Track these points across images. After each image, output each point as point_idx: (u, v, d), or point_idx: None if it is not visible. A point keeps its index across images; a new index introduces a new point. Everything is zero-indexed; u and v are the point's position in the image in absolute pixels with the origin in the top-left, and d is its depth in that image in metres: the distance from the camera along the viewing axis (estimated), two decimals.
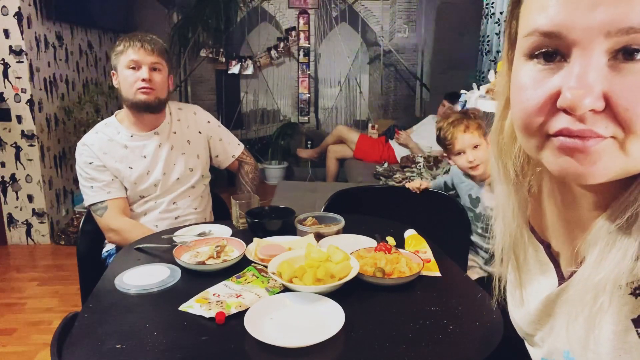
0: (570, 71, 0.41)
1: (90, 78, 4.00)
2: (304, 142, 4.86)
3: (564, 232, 0.56)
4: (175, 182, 1.70)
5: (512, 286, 0.64)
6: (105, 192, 1.61)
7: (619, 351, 0.47)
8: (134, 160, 1.65)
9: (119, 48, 1.60)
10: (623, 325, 0.46)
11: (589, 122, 0.40)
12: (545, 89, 0.43)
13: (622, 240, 0.44)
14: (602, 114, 0.40)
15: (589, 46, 0.40)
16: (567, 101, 0.40)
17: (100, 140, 1.64)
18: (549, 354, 0.59)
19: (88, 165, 1.61)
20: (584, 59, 0.40)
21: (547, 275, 0.58)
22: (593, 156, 0.41)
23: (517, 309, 0.64)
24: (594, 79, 0.39)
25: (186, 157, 1.72)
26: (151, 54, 1.58)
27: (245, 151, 1.91)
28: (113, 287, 1.08)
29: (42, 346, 2.12)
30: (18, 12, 2.97)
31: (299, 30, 4.66)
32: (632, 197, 0.44)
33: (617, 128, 0.40)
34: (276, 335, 0.87)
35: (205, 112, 1.84)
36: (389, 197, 1.96)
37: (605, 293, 0.44)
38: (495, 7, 3.88)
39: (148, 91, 1.58)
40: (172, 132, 1.71)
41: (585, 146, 0.41)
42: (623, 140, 0.41)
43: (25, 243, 3.27)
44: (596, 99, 0.39)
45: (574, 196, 0.52)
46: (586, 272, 0.46)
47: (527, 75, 0.44)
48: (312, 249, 1.09)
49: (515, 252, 0.59)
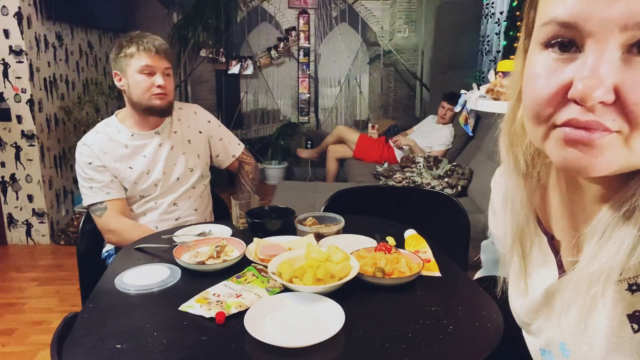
0: (584, 62, 0.41)
1: (90, 78, 4.00)
2: (304, 142, 4.86)
3: (567, 223, 0.56)
4: (175, 182, 1.70)
5: (515, 276, 0.65)
6: (104, 193, 1.61)
7: (612, 345, 0.48)
8: (134, 160, 1.65)
9: (129, 50, 1.57)
10: (618, 320, 0.47)
11: (598, 114, 0.41)
12: (558, 79, 0.43)
13: (619, 233, 0.44)
14: (611, 107, 0.40)
15: (604, 39, 0.40)
16: (578, 92, 0.40)
17: (101, 140, 1.63)
18: (546, 345, 0.60)
19: (88, 166, 1.61)
20: (598, 51, 0.40)
21: (547, 267, 0.58)
22: (597, 149, 0.42)
23: (517, 298, 0.65)
24: (606, 71, 0.40)
25: (186, 157, 1.72)
26: (163, 58, 1.60)
27: (246, 151, 1.92)
28: (113, 287, 1.07)
29: (42, 346, 2.12)
30: (18, 12, 2.97)
31: (299, 30, 4.66)
32: (631, 191, 0.44)
33: (624, 122, 0.41)
34: (276, 335, 0.87)
35: (205, 112, 1.84)
36: (389, 197, 1.96)
37: (599, 284, 0.45)
38: (495, 7, 3.88)
39: (163, 97, 1.60)
40: (172, 132, 1.71)
41: (591, 138, 0.41)
42: (628, 136, 0.41)
43: (25, 243, 3.27)
44: (607, 91, 0.40)
45: (578, 187, 0.53)
46: (583, 263, 0.47)
47: (541, 64, 0.45)
48: (312, 249, 1.09)
49: (522, 242, 0.59)
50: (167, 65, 1.61)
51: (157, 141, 1.68)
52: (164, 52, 1.60)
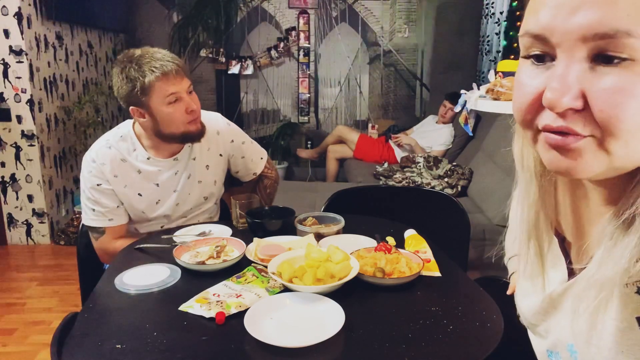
0: (554, 72, 0.43)
1: (90, 78, 4.00)
2: (304, 142, 4.86)
3: (575, 226, 0.57)
4: (187, 211, 1.58)
5: (523, 276, 0.65)
6: (107, 219, 1.47)
7: (621, 347, 0.48)
8: (145, 187, 1.49)
9: (146, 81, 1.32)
10: (627, 322, 0.48)
11: (569, 120, 0.43)
12: (534, 88, 0.45)
13: (624, 239, 0.45)
14: (582, 113, 0.42)
15: (570, 49, 0.42)
16: (547, 100, 0.43)
17: (113, 159, 1.44)
18: (553, 346, 0.60)
19: (95, 187, 1.44)
20: (566, 61, 0.42)
21: (557, 269, 0.59)
22: (574, 153, 0.44)
23: (525, 298, 0.65)
24: (573, 79, 0.42)
25: (202, 186, 1.57)
26: (183, 78, 1.38)
27: (269, 163, 1.75)
28: (113, 287, 1.08)
29: (42, 346, 2.12)
30: (18, 12, 2.97)
31: (299, 30, 4.66)
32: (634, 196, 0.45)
33: (595, 128, 0.42)
34: (276, 335, 0.87)
35: (229, 130, 1.62)
36: (389, 197, 1.96)
37: (608, 291, 0.46)
38: (495, 7, 3.89)
39: (197, 120, 1.42)
40: (191, 159, 1.54)
41: (565, 142, 0.44)
42: (601, 140, 0.42)
43: (25, 243, 3.27)
44: (574, 98, 0.42)
45: (585, 191, 0.53)
46: (592, 269, 0.48)
47: (524, 73, 0.47)
48: (312, 249, 1.09)
49: (539, 241, 0.60)
50: (188, 83, 1.40)
51: (173, 169, 1.51)
52: (182, 69, 1.38)
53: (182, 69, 1.38)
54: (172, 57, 1.39)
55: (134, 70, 1.33)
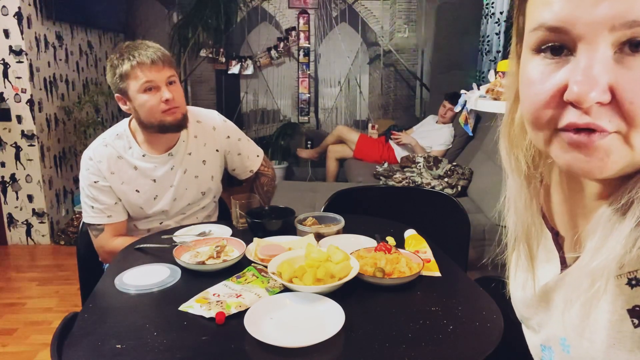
0: (577, 65, 0.41)
1: (90, 78, 4.00)
2: (304, 142, 4.86)
3: (569, 219, 0.57)
4: (185, 207, 1.61)
5: (517, 270, 0.65)
6: (106, 216, 1.50)
7: (613, 340, 0.48)
8: (142, 184, 1.52)
9: (123, 69, 1.40)
10: (618, 315, 0.47)
11: (594, 115, 0.41)
12: (553, 83, 0.43)
13: (619, 228, 0.44)
14: (608, 106, 0.41)
15: (594, 40, 0.40)
16: (573, 95, 0.41)
17: (110, 156, 1.49)
18: (546, 341, 0.60)
19: (93, 185, 1.48)
20: (590, 53, 0.40)
21: (551, 263, 0.59)
22: (599, 151, 0.42)
23: (518, 291, 0.65)
24: (600, 71, 0.40)
25: (199, 181, 1.59)
26: (162, 67, 1.41)
27: (265, 161, 1.78)
28: (113, 287, 1.08)
29: (42, 346, 2.12)
30: (18, 12, 2.97)
31: (299, 30, 4.66)
32: (630, 186, 0.45)
33: (621, 122, 0.41)
34: (276, 335, 0.87)
35: (225, 126, 1.65)
36: (389, 197, 1.96)
37: (602, 280, 0.45)
38: (495, 7, 3.88)
39: (174, 110, 1.43)
40: (186, 154, 1.56)
41: (591, 141, 0.42)
42: (627, 134, 0.41)
43: (25, 243, 3.27)
44: (602, 92, 0.40)
45: (580, 186, 0.53)
46: (585, 259, 0.47)
47: (535, 69, 0.45)
48: (312, 249, 1.09)
49: (529, 242, 0.59)
50: (169, 73, 1.43)
51: (169, 165, 1.54)
52: (162, 60, 1.41)
53: (163, 59, 1.42)
54: (157, 48, 1.44)
55: (116, 59, 1.43)
